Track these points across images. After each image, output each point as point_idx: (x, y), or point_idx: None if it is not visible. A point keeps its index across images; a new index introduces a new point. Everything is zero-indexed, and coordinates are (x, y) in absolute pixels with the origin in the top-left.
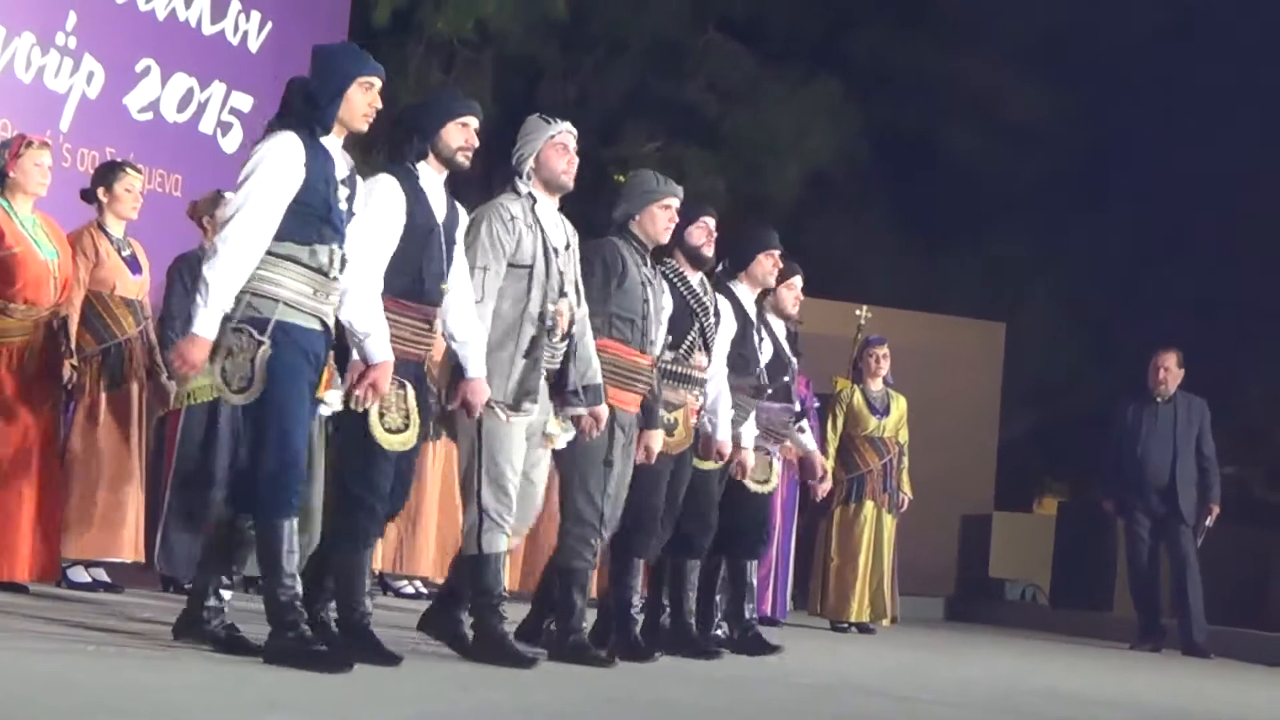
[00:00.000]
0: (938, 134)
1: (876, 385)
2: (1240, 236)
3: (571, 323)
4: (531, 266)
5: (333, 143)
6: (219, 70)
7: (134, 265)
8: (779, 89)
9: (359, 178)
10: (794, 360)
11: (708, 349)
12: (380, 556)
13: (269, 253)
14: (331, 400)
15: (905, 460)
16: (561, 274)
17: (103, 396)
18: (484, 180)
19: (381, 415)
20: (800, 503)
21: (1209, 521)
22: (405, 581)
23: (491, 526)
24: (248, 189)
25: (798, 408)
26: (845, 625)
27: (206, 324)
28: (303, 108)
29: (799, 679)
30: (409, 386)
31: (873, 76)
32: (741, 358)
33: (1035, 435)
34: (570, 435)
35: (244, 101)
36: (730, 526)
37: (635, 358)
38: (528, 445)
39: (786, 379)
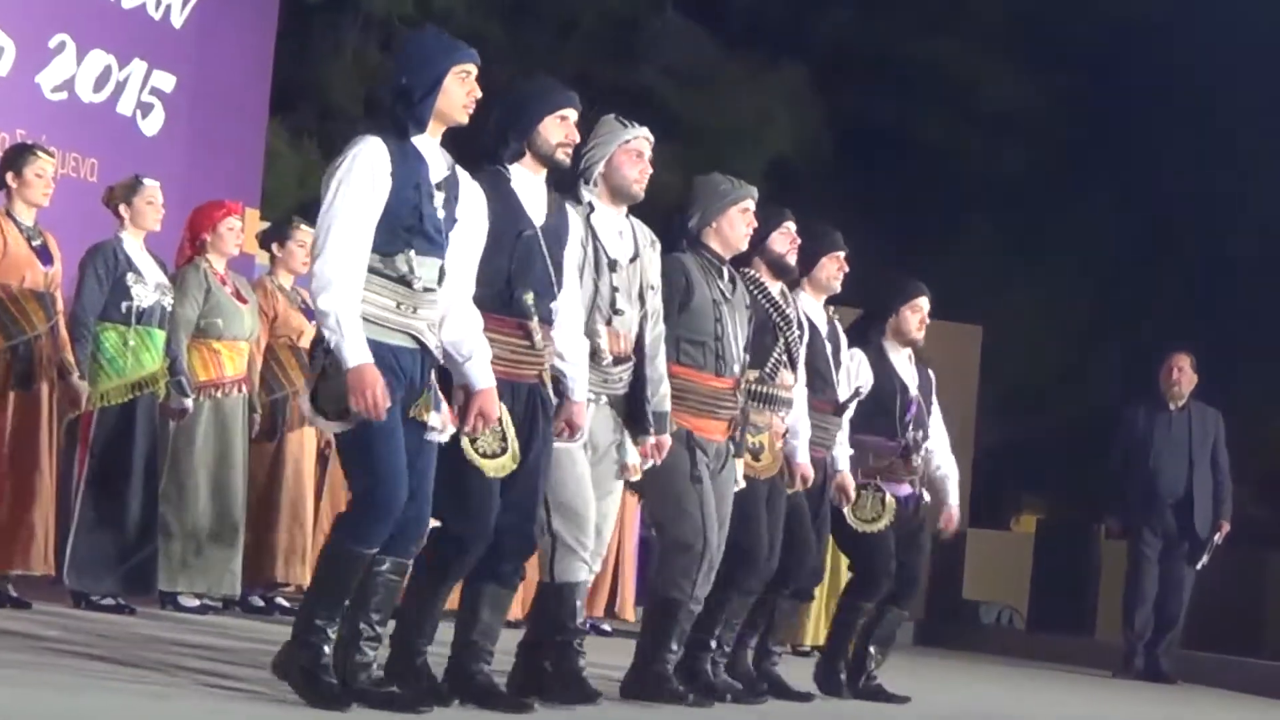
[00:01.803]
0: (909, 123)
1: None
2: (1231, 234)
3: (637, 343)
4: (587, 289)
5: (427, 142)
6: (139, 47)
7: (45, 256)
8: (740, 74)
9: (461, 176)
10: (911, 389)
11: (794, 366)
12: (310, 572)
13: None
14: (434, 423)
15: None
16: (615, 291)
17: (10, 397)
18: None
19: (474, 440)
20: None
21: (1218, 539)
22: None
23: (565, 554)
24: (333, 208)
25: (905, 441)
26: (808, 649)
27: (357, 352)
28: (395, 106)
29: (763, 706)
30: (504, 409)
31: (840, 61)
32: (818, 374)
33: (1013, 447)
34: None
35: (166, 81)
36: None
37: (711, 382)
38: (597, 471)
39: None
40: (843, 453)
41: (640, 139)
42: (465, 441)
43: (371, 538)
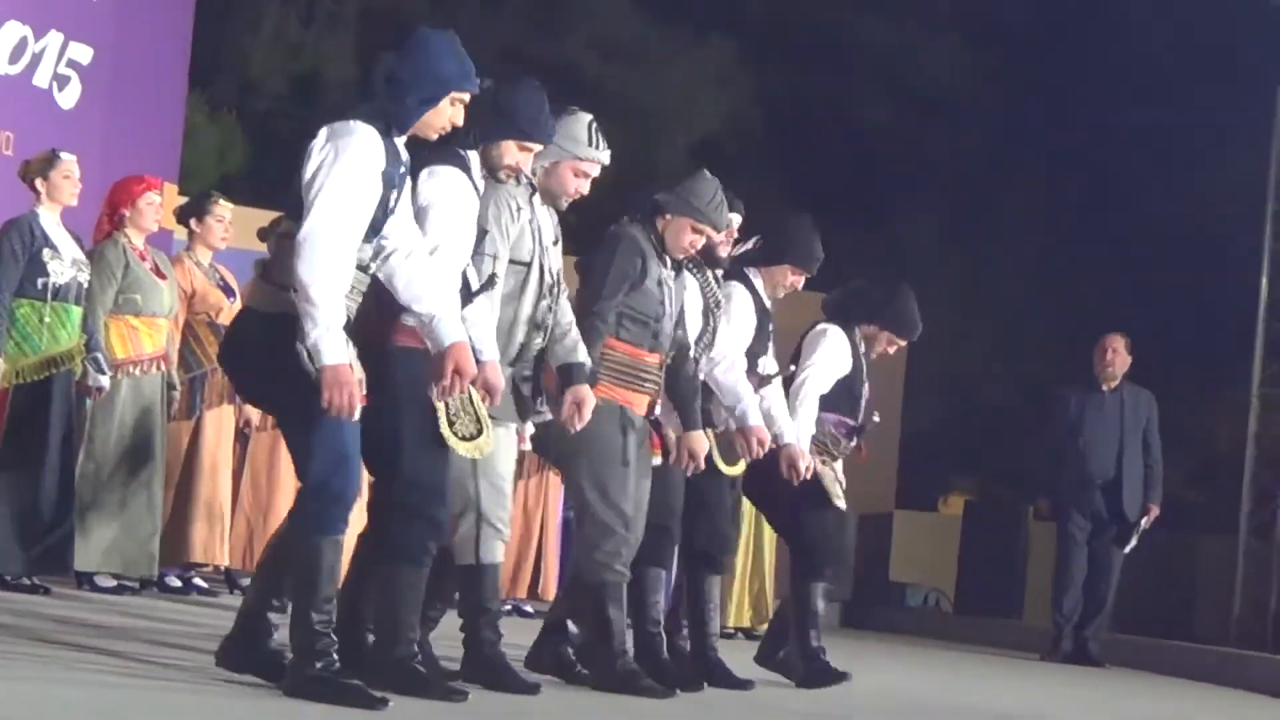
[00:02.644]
0: (839, 101)
1: None
2: (1167, 216)
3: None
4: (529, 264)
5: (398, 142)
6: (56, 18)
7: None
8: (667, 49)
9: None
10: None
11: (713, 345)
12: (229, 552)
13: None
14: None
15: None
16: (550, 270)
17: None
18: None
19: (452, 422)
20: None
21: (1146, 523)
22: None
23: (490, 534)
24: (337, 185)
25: (854, 422)
26: (731, 631)
27: (336, 349)
28: (388, 101)
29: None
30: (473, 389)
31: (769, 37)
32: (758, 351)
33: (940, 428)
34: (545, 417)
35: (83, 53)
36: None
37: (645, 356)
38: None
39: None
40: (786, 425)
41: (596, 163)
42: (444, 425)
43: (339, 523)
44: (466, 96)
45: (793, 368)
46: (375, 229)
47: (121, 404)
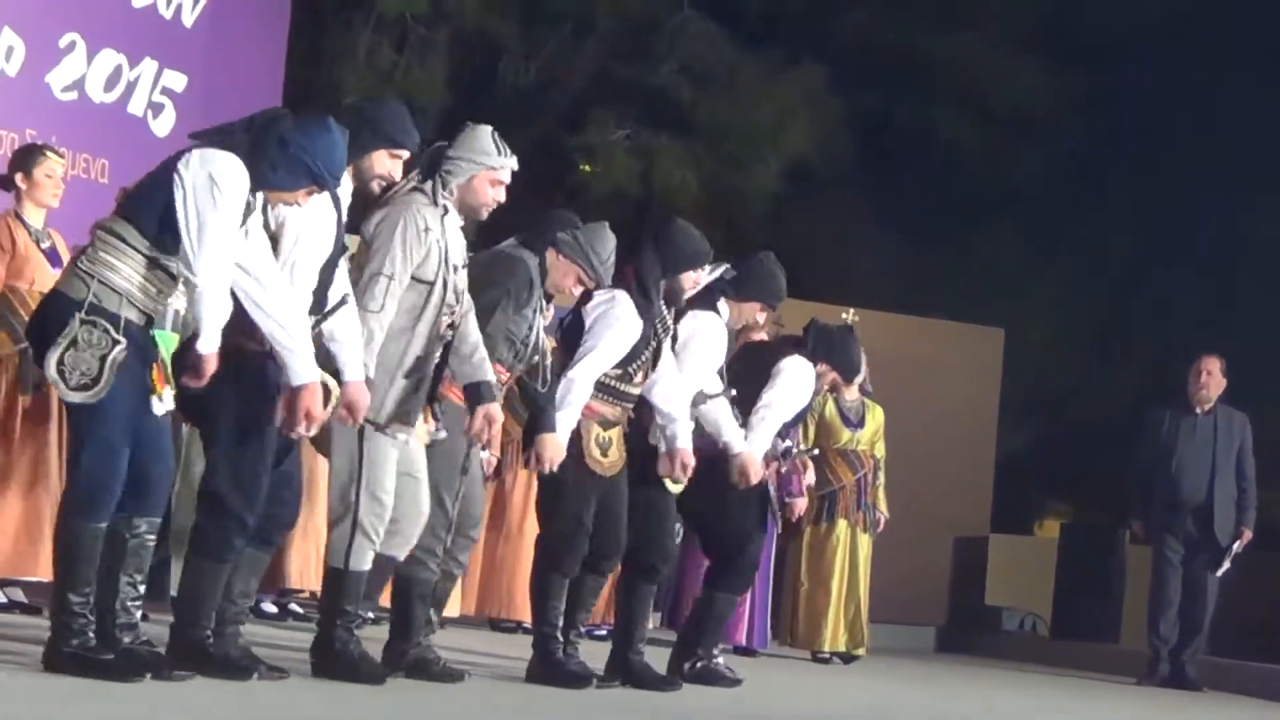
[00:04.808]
0: (929, 123)
1: (852, 394)
2: (1252, 236)
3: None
4: (432, 284)
5: None
6: (150, 46)
7: (54, 257)
8: (758, 73)
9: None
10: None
11: (652, 368)
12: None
13: (123, 239)
14: (167, 400)
15: (881, 476)
16: (455, 291)
17: (19, 401)
18: None
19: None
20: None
21: (1239, 547)
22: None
23: (363, 543)
24: (216, 208)
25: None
26: (827, 656)
27: (309, 369)
28: (263, 158)
29: (771, 713)
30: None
31: (859, 61)
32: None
33: (1036, 450)
34: (440, 436)
35: (177, 81)
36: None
37: (501, 374)
38: (409, 446)
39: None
40: (735, 436)
41: (506, 170)
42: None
43: (102, 510)
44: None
45: (733, 392)
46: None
47: None
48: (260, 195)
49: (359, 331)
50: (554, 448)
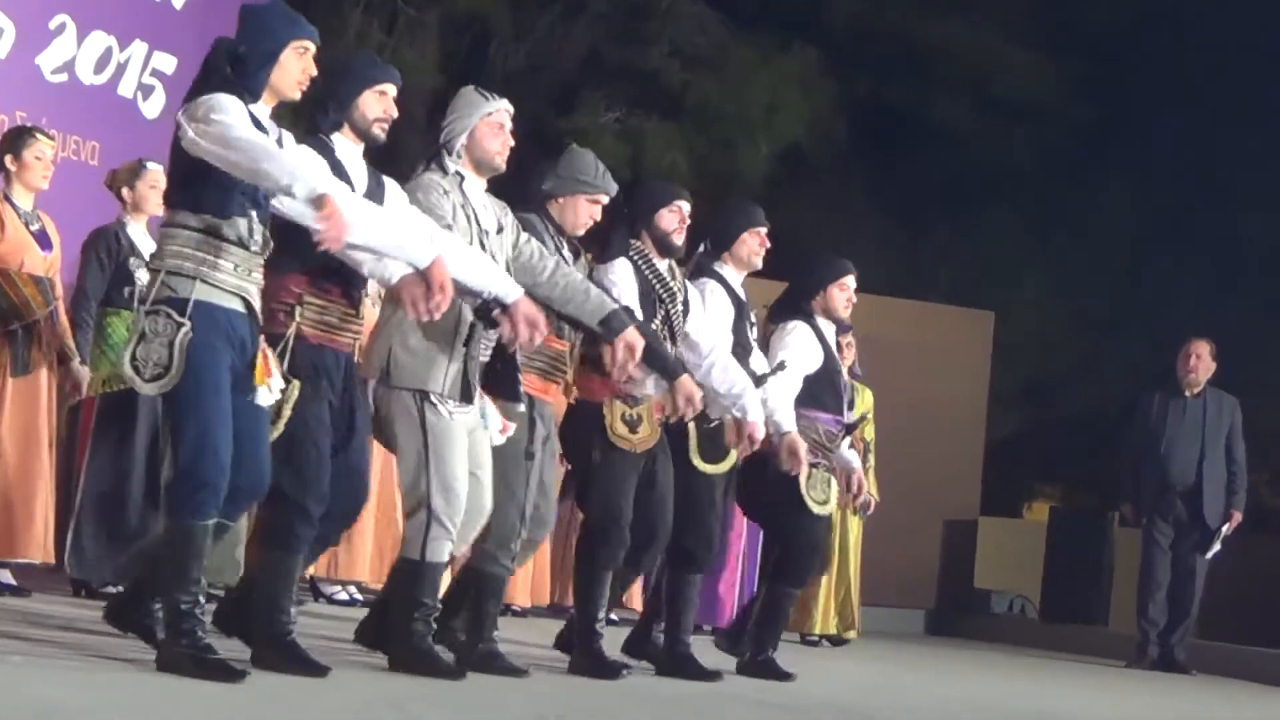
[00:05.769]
0: (922, 108)
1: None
2: (1250, 221)
3: None
4: (471, 245)
5: (262, 110)
6: (140, 28)
7: (43, 240)
8: (750, 57)
9: (288, 141)
10: (844, 367)
11: (673, 338)
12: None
13: (185, 226)
14: (274, 388)
15: (872, 459)
16: (494, 258)
17: (9, 383)
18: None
19: (280, 411)
20: None
21: (1228, 529)
22: (339, 587)
23: (440, 534)
24: (241, 136)
25: (848, 419)
26: (817, 639)
27: (424, 250)
28: (230, 72)
29: (765, 696)
30: (294, 383)
31: (852, 45)
32: (738, 345)
33: (1026, 434)
34: (508, 425)
35: (167, 63)
36: (783, 550)
37: (554, 344)
38: (470, 441)
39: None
40: (787, 416)
41: (501, 111)
42: (286, 412)
43: (205, 508)
44: (308, 44)
45: (783, 367)
46: (242, 194)
47: None
48: (274, 127)
49: (468, 254)
50: (691, 386)
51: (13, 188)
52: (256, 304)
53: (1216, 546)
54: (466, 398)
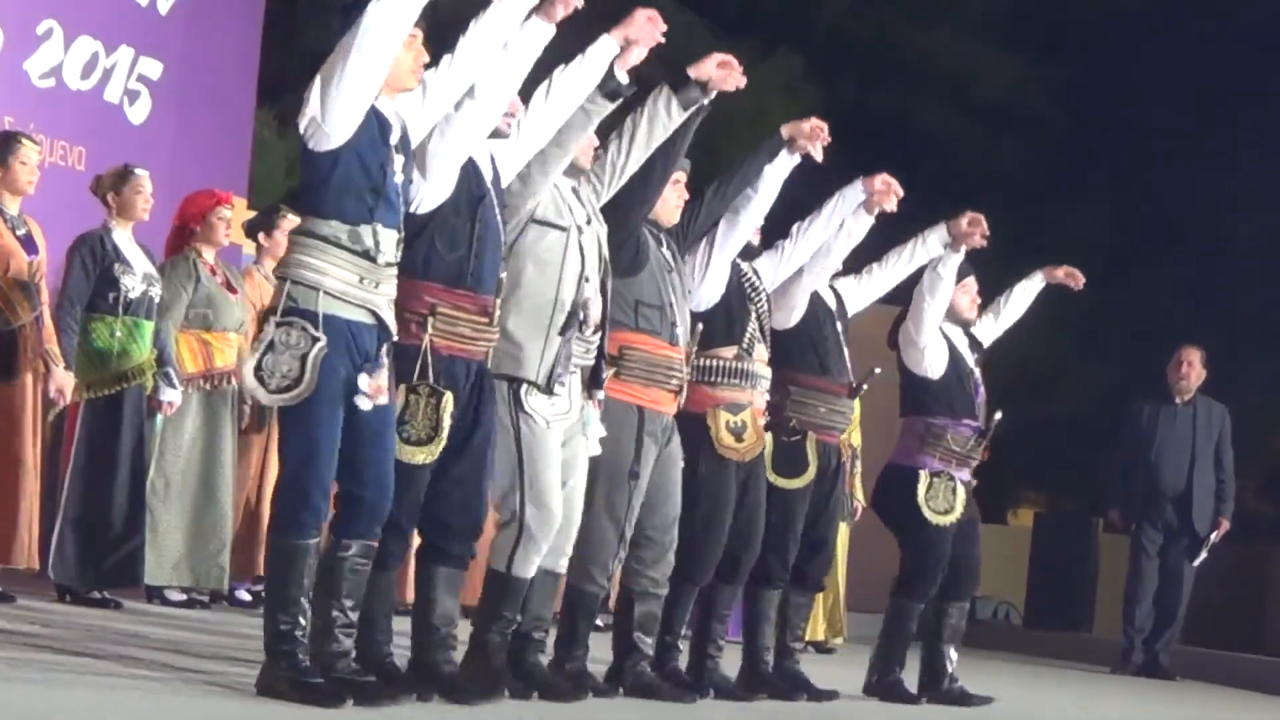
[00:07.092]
0: (907, 113)
1: None
2: (1238, 227)
3: (603, 313)
4: (567, 230)
5: (385, 104)
6: (126, 34)
7: (29, 245)
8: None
9: (411, 140)
10: (976, 371)
11: (766, 340)
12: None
13: (310, 233)
14: (364, 388)
15: (858, 465)
16: (583, 253)
17: None
18: None
19: (404, 422)
20: None
21: (1216, 537)
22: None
23: (531, 549)
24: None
25: (981, 424)
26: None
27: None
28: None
29: (746, 705)
30: (446, 395)
31: (836, 51)
32: (829, 354)
33: (1010, 440)
34: (603, 432)
35: (153, 68)
36: (903, 562)
37: (664, 350)
38: (565, 452)
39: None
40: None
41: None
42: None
43: (307, 527)
44: (417, 33)
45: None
46: (372, 198)
47: (192, 418)
48: (398, 118)
49: None
50: None
51: None
52: (386, 316)
53: (1204, 554)
54: (554, 388)
